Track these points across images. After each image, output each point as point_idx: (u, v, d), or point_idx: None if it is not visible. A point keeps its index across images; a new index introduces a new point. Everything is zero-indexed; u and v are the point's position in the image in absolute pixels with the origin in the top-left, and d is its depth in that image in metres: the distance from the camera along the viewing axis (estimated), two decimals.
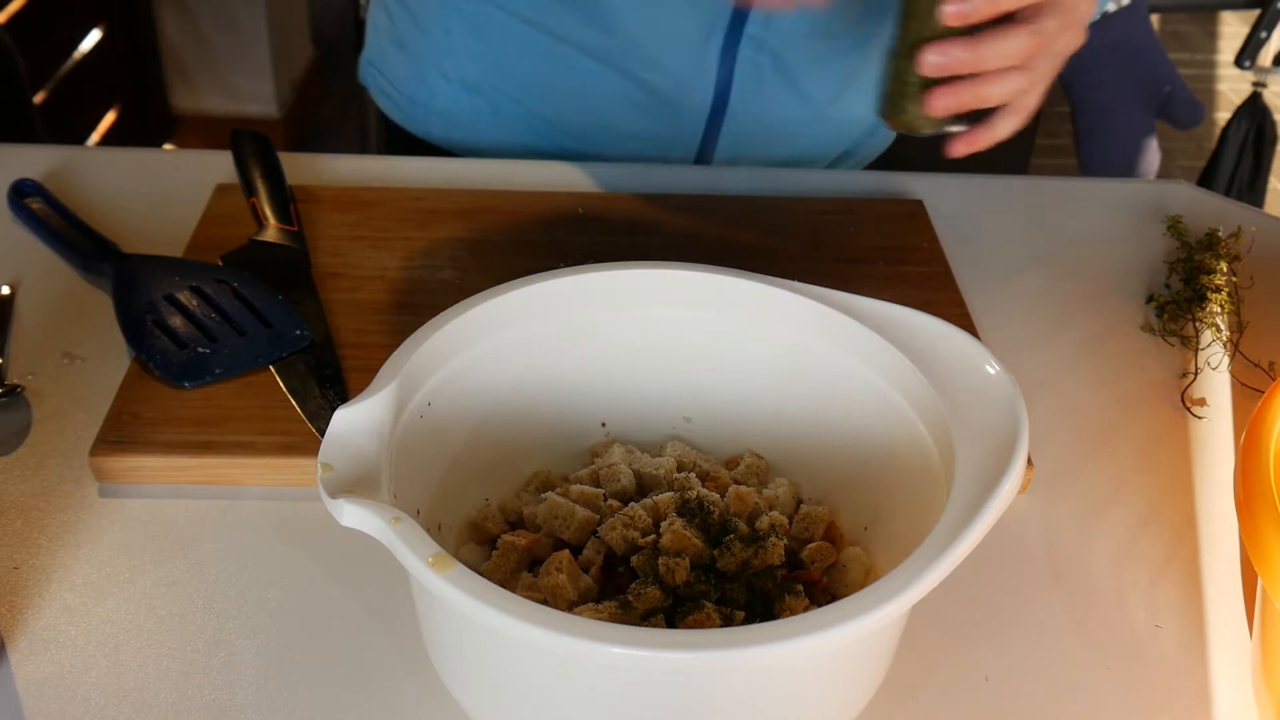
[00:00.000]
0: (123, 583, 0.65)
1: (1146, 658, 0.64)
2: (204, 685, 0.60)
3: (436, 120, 1.08)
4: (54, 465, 0.72)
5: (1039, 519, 0.72)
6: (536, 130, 1.05)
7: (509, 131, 1.05)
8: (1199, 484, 0.75)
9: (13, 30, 1.90)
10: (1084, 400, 0.81)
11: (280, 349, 0.78)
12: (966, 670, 0.63)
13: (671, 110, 1.01)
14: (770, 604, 0.58)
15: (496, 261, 0.88)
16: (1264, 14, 1.98)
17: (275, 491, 0.71)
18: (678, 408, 0.70)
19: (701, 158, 1.04)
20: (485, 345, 0.63)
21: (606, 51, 0.98)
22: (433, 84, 1.06)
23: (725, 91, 1.00)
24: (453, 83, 1.05)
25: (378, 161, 1.01)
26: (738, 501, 0.63)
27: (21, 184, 0.91)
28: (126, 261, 0.84)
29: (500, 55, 1.02)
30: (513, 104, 1.04)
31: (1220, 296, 0.87)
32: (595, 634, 0.46)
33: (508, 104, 1.04)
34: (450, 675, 0.56)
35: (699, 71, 0.98)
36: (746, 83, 0.99)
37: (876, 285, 0.84)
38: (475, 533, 0.63)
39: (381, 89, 1.12)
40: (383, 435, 0.55)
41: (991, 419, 0.56)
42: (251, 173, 0.92)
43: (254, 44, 2.74)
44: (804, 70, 1.00)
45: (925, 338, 0.61)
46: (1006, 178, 1.05)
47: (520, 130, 1.05)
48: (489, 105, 1.05)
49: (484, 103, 1.05)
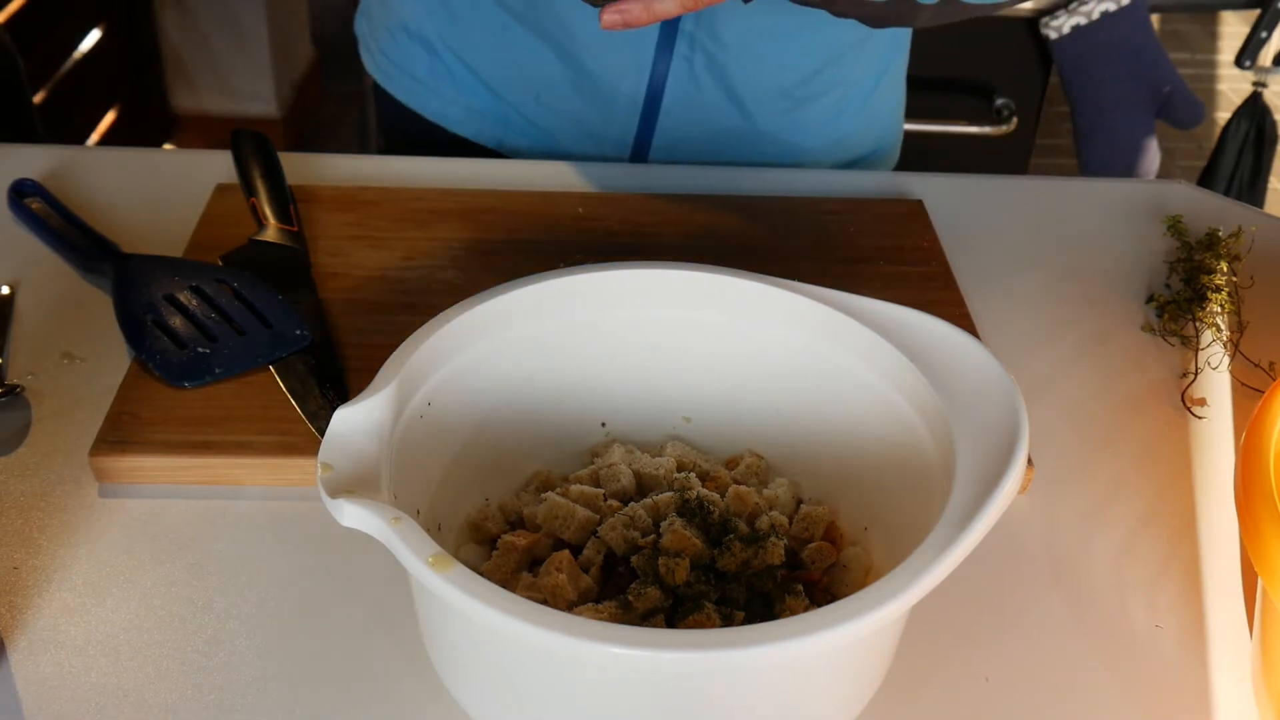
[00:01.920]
0: (123, 583, 0.65)
1: (1146, 658, 0.64)
2: (204, 685, 0.60)
3: (399, 74, 1.09)
4: (54, 465, 0.72)
5: (1039, 519, 0.72)
6: (483, 99, 1.05)
7: (463, 94, 1.06)
8: (1199, 484, 0.75)
9: (13, 30, 1.90)
10: (1084, 400, 0.81)
11: (280, 349, 0.78)
12: (966, 670, 0.63)
13: (605, 98, 1.01)
14: (770, 604, 0.58)
15: (496, 261, 0.88)
16: (1264, 14, 1.98)
17: (275, 491, 0.71)
18: (678, 408, 0.70)
19: (637, 154, 1.05)
20: (485, 345, 0.63)
21: (545, 29, 0.99)
22: (398, 38, 1.08)
23: (660, 86, 1.00)
24: (414, 38, 1.06)
25: (378, 161, 1.01)
26: (738, 501, 0.63)
27: (21, 184, 0.91)
28: (126, 261, 0.84)
29: (456, 17, 1.03)
30: (461, 65, 1.05)
31: (1220, 296, 0.87)
32: (595, 634, 0.46)
33: (458, 65, 1.05)
34: (450, 675, 0.56)
35: (633, 61, 0.99)
36: (681, 81, 1.00)
37: (876, 285, 0.84)
38: (475, 533, 0.63)
39: (365, 40, 1.14)
40: (383, 435, 0.55)
41: (991, 419, 0.56)
42: (251, 173, 0.92)
43: (254, 44, 2.74)
44: (740, 79, 1.01)
45: (925, 338, 0.61)
46: (1006, 178, 1.05)
47: (473, 95, 1.06)
48: (442, 65, 1.06)
49: (439, 63, 1.06)
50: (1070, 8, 2.00)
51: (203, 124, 2.81)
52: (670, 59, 0.98)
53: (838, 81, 1.04)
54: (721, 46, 0.98)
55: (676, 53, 0.98)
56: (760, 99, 1.02)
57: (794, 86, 1.02)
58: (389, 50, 1.09)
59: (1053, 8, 1.99)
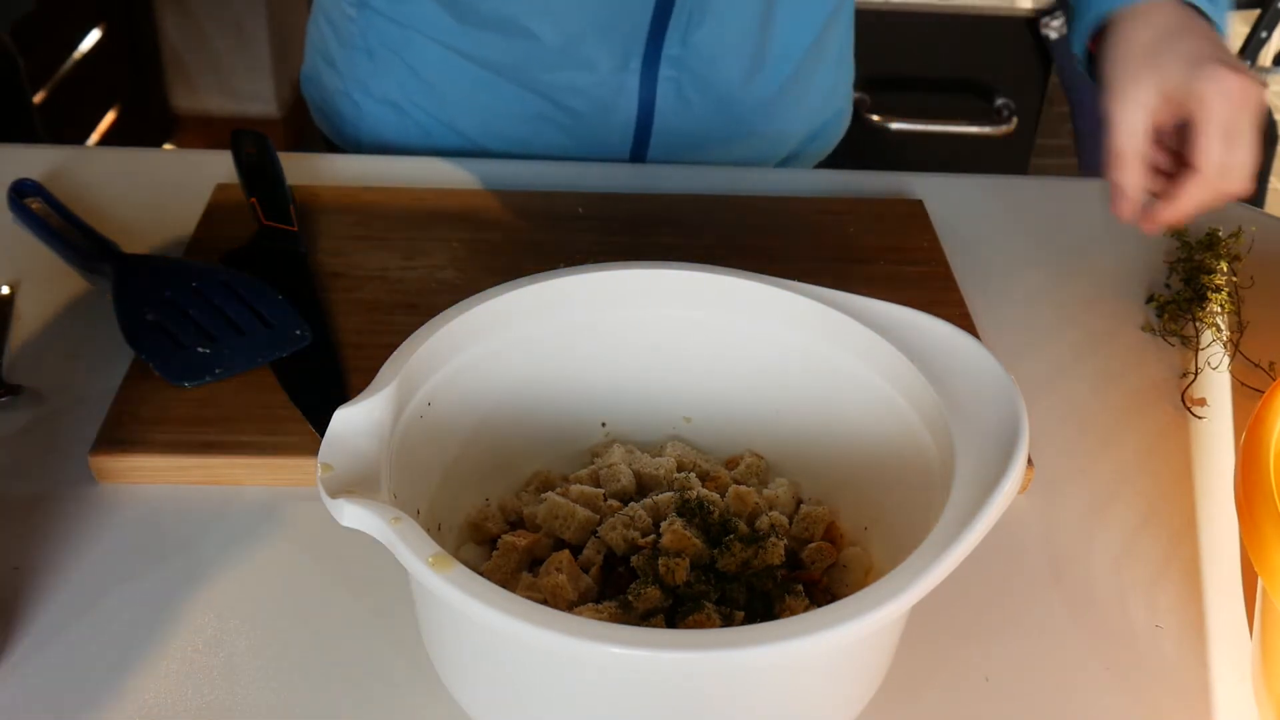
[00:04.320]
0: (123, 583, 0.65)
1: (1146, 658, 0.64)
2: (204, 685, 0.60)
3: (366, 138, 1.07)
4: (54, 465, 0.72)
5: (1039, 519, 0.72)
6: (463, 149, 1.04)
7: (438, 150, 1.04)
8: (1199, 484, 0.75)
9: (13, 30, 1.91)
10: (1084, 400, 0.81)
11: (280, 349, 0.78)
12: (966, 670, 0.63)
13: (594, 132, 1.01)
14: (770, 604, 0.58)
15: (496, 261, 0.88)
16: (1264, 14, 1.98)
17: (275, 491, 0.71)
18: (678, 408, 0.70)
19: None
20: (485, 345, 0.63)
21: (526, 75, 0.99)
22: (360, 102, 1.06)
23: (649, 111, 1.00)
24: (380, 102, 1.05)
25: (378, 161, 1.01)
26: (738, 501, 0.63)
27: (21, 184, 0.91)
28: (126, 261, 0.84)
29: (423, 76, 1.02)
30: (437, 124, 1.04)
31: (1220, 296, 0.87)
32: (595, 634, 0.46)
33: (433, 124, 1.04)
34: (450, 675, 0.56)
35: (619, 95, 0.99)
36: (670, 102, 1.00)
37: (876, 285, 0.84)
38: (475, 533, 0.63)
39: (316, 104, 1.12)
40: (383, 435, 0.55)
41: (991, 419, 0.56)
42: (251, 173, 0.92)
43: (254, 44, 2.74)
44: (730, 88, 1.00)
45: (925, 338, 0.61)
46: (1006, 178, 1.05)
47: (448, 149, 1.04)
48: (415, 125, 1.04)
49: (410, 123, 1.04)
50: None
51: (203, 124, 2.81)
52: (655, 84, 0.98)
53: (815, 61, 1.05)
54: (708, 62, 0.98)
55: (662, 76, 0.98)
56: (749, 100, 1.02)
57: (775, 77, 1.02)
58: (347, 112, 1.07)
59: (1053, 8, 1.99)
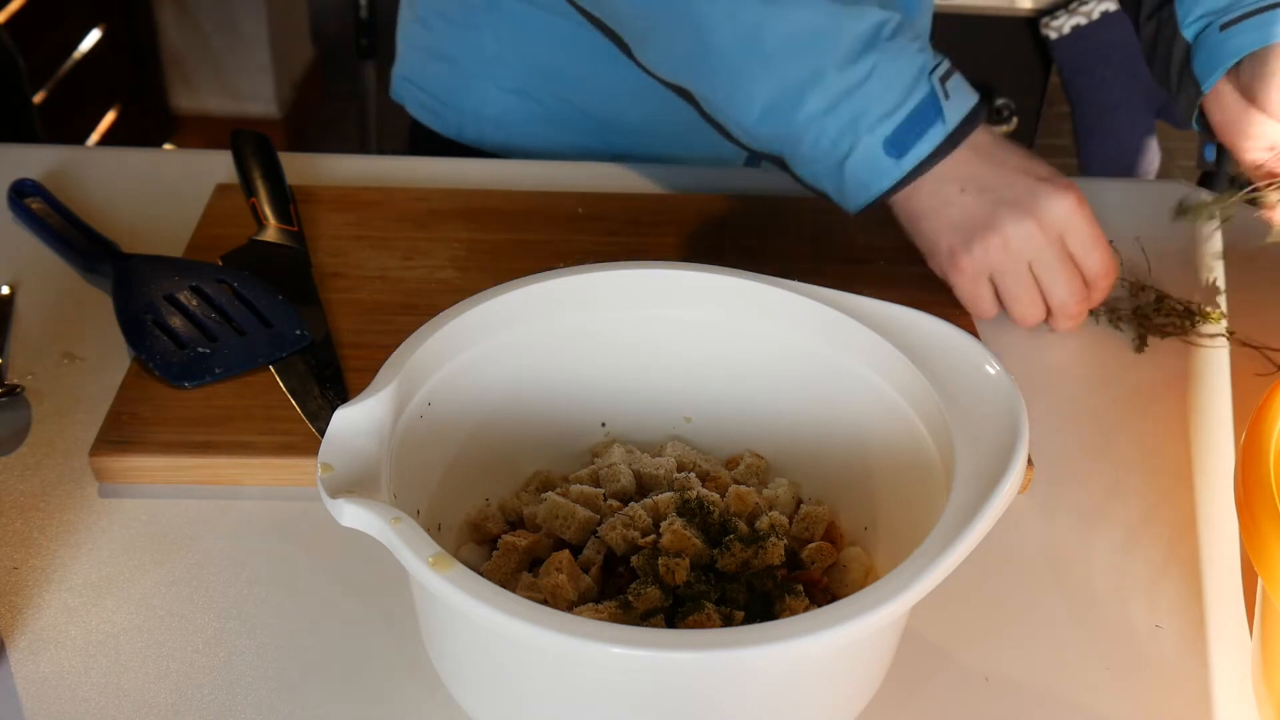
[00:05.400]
0: (123, 583, 0.65)
1: (1146, 658, 0.64)
2: (204, 685, 0.60)
3: (489, 127, 1.07)
4: (54, 465, 0.72)
5: (1039, 519, 0.72)
6: (591, 131, 1.04)
7: (563, 133, 1.04)
8: (1199, 484, 0.75)
9: (13, 30, 1.91)
10: (1084, 400, 0.81)
11: (280, 349, 0.78)
12: (966, 670, 0.63)
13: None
14: (770, 604, 0.58)
15: (496, 261, 0.88)
16: None
17: (275, 491, 0.71)
18: (678, 408, 0.69)
19: (752, 159, 1.03)
20: (485, 345, 0.63)
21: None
22: (483, 93, 1.05)
23: None
24: (505, 91, 1.04)
25: (378, 161, 1.01)
26: (738, 501, 0.63)
27: (21, 184, 0.91)
28: (126, 261, 0.84)
29: (549, 58, 1.01)
30: (566, 106, 1.03)
31: (1216, 309, 0.87)
32: (595, 634, 0.46)
33: (561, 107, 1.03)
34: (450, 675, 0.56)
35: None
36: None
37: (876, 285, 0.84)
38: (475, 533, 0.63)
39: (422, 103, 1.11)
40: (383, 435, 0.55)
41: (991, 419, 0.56)
42: (251, 173, 0.92)
43: (254, 44, 2.75)
44: None
45: (925, 338, 0.61)
46: None
47: (574, 132, 1.04)
48: (542, 109, 1.04)
49: (537, 106, 1.04)
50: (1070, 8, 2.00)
51: (203, 124, 2.82)
52: None
53: None
54: None
55: None
56: None
57: None
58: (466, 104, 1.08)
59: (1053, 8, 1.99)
